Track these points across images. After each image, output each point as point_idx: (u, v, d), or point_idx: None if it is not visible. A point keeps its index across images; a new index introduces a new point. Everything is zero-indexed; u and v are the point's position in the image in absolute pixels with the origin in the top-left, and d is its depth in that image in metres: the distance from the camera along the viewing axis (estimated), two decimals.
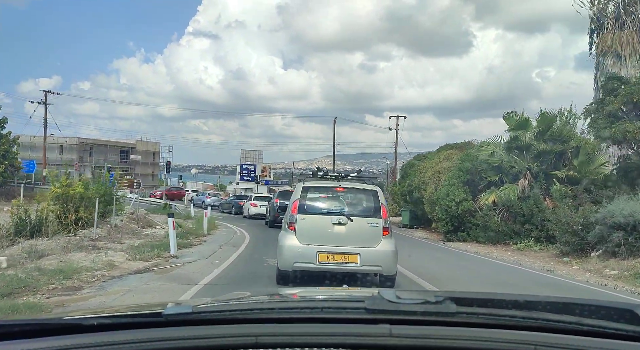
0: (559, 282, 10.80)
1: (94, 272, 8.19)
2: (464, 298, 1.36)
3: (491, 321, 1.15)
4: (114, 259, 9.81)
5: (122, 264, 9.47)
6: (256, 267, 10.31)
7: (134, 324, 1.18)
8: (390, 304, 1.15)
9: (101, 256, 9.79)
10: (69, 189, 14.77)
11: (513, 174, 19.75)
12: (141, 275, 8.66)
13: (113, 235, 14.28)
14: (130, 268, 9.12)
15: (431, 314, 1.13)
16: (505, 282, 10.29)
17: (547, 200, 18.64)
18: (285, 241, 7.34)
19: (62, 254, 9.62)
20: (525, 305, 1.31)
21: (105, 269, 8.67)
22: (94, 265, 8.73)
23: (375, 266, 7.23)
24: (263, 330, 1.13)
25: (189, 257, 11.21)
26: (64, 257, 9.26)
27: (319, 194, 7.66)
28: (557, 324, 1.14)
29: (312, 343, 1.09)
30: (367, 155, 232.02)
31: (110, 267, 8.96)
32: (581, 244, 14.23)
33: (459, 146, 29.09)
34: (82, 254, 9.95)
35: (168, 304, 1.44)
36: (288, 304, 1.53)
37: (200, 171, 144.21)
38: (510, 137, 20.31)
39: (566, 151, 19.50)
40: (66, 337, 1.09)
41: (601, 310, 1.25)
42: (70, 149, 60.13)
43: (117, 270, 8.75)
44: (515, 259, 14.78)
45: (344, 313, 1.21)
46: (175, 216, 26.50)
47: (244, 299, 1.72)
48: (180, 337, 1.10)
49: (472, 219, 19.85)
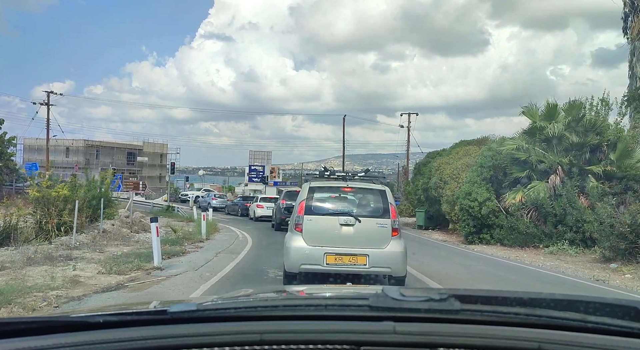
0: (621, 296, 8.96)
1: (47, 293, 6.57)
2: (468, 295, 1.29)
3: (495, 318, 1.13)
4: (83, 273, 8.21)
5: (89, 279, 7.84)
6: (254, 281, 8.67)
7: (140, 321, 1.17)
8: (394, 302, 1.15)
9: (68, 270, 8.21)
10: (50, 192, 13.28)
11: (542, 169, 17.88)
12: (108, 294, 7.04)
13: (98, 242, 12.73)
14: (98, 285, 7.50)
15: (435, 311, 1.13)
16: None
17: (582, 199, 16.77)
18: (292, 243, 7.16)
19: (19, 268, 8.03)
20: (530, 302, 1.27)
21: (65, 288, 7.05)
22: (51, 283, 7.11)
23: (385, 268, 7.09)
24: (267, 327, 1.14)
25: (176, 269, 9.59)
26: (18, 272, 7.67)
27: (326, 195, 7.47)
28: (562, 321, 1.13)
29: (316, 340, 1.09)
30: (377, 156, 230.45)
31: (73, 284, 7.34)
32: (629, 248, 12.40)
33: (476, 142, 27.32)
34: (44, 267, 8.35)
35: (173, 302, 1.44)
36: (292, 302, 1.55)
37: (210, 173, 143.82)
38: (537, 127, 18.43)
39: (602, 144, 17.58)
40: (73, 334, 1.10)
41: (606, 308, 1.22)
42: (76, 152, 59.39)
43: (80, 289, 7.13)
44: (552, 265, 12.96)
45: (348, 310, 1.23)
46: (176, 219, 25.31)
47: (249, 296, 1.78)
48: (185, 335, 1.10)
49: (496, 220, 18.06)
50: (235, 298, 1.63)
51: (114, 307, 1.77)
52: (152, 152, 65.24)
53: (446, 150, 29.31)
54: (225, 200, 40.07)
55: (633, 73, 19.68)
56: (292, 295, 1.90)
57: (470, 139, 29.71)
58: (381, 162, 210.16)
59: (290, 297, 1.80)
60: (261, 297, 1.73)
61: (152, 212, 25.38)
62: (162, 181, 67.08)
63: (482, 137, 27.80)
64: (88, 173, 19.40)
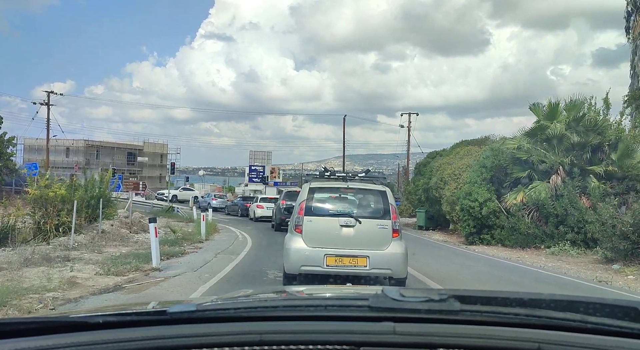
0: (625, 298, 8.89)
1: (43, 295, 6.49)
2: (468, 296, 1.31)
3: (495, 319, 1.13)
4: (80, 274, 8.13)
5: (87, 280, 7.76)
6: (253, 283, 8.59)
7: (139, 321, 1.17)
8: (394, 302, 1.15)
9: (65, 271, 8.12)
10: (47, 192, 13.19)
11: (543, 169, 17.77)
12: (106, 296, 6.95)
13: (96, 243, 12.65)
14: (96, 286, 7.42)
15: (435, 311, 1.13)
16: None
17: (583, 199, 16.66)
18: (292, 244, 7.10)
19: (16, 269, 7.95)
20: (529, 303, 1.28)
21: (62, 289, 6.97)
22: (48, 285, 7.03)
23: (385, 269, 7.01)
24: (267, 328, 1.14)
25: (175, 270, 9.50)
26: (15, 274, 7.59)
27: (326, 195, 7.39)
28: (561, 321, 1.12)
29: (316, 340, 1.09)
30: (377, 156, 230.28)
31: (71, 286, 7.26)
32: (632, 249, 12.31)
33: (476, 142, 27.22)
34: (41, 268, 8.27)
35: (172, 302, 1.43)
36: (292, 302, 1.53)
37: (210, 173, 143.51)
38: (538, 126, 18.31)
39: (603, 144, 17.47)
40: (72, 335, 1.10)
41: (605, 308, 1.22)
42: (76, 152, 59.33)
43: (77, 290, 7.05)
44: (554, 266, 12.87)
45: (348, 311, 1.23)
46: (176, 219, 25.22)
47: (249, 296, 1.78)
48: (184, 335, 1.10)
49: (497, 220, 17.95)
50: (235, 298, 1.63)
51: (113, 307, 1.74)
52: (152, 152, 65.13)
53: (446, 151, 29.20)
54: (225, 200, 39.94)
55: (635, 72, 19.58)
56: (291, 296, 1.90)
57: (471, 139, 29.61)
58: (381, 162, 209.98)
59: (290, 298, 1.80)
60: (261, 298, 1.73)
61: (151, 213, 25.27)
62: (162, 181, 66.94)
63: (483, 137, 27.71)
64: (87, 173, 19.29)
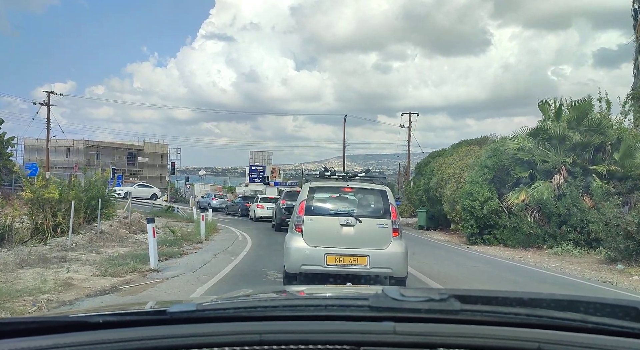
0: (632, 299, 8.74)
1: (37, 297, 6.35)
2: (468, 296, 1.30)
3: (495, 319, 1.13)
4: (76, 275, 7.99)
5: (82, 282, 7.62)
6: (253, 283, 8.46)
7: (139, 321, 1.17)
8: (394, 302, 1.15)
9: (61, 272, 7.99)
10: (44, 192, 13.07)
11: (546, 169, 17.62)
12: (102, 297, 6.82)
13: (94, 244, 12.52)
14: (92, 288, 7.28)
15: (435, 311, 1.13)
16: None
17: (586, 199, 16.52)
18: (293, 243, 7.12)
19: (11, 270, 7.81)
20: (530, 302, 1.27)
21: (57, 291, 6.84)
22: (43, 286, 6.89)
23: (385, 268, 7.03)
24: (267, 327, 1.13)
25: (173, 270, 9.37)
26: (9, 275, 7.46)
27: (326, 195, 7.41)
28: (562, 321, 1.12)
29: (316, 340, 1.09)
30: (377, 156, 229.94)
31: (66, 287, 7.13)
32: (636, 249, 12.16)
33: (476, 142, 27.04)
34: (37, 269, 8.14)
35: (172, 302, 1.43)
36: (292, 302, 1.53)
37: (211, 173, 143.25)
38: (540, 127, 18.17)
39: (605, 143, 17.32)
40: (72, 335, 1.10)
41: (606, 308, 1.22)
42: (76, 152, 59.18)
43: (73, 292, 6.91)
44: (557, 267, 12.72)
45: (348, 311, 1.23)
46: (176, 219, 25.08)
47: (248, 296, 1.76)
48: (184, 335, 1.10)
49: (499, 220, 17.81)
50: (235, 298, 1.63)
51: (113, 307, 1.73)
52: (152, 152, 64.98)
53: (447, 150, 29.03)
54: (226, 200, 39.82)
55: (638, 71, 19.42)
56: (292, 296, 1.90)
57: (471, 139, 29.44)
58: (382, 162, 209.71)
59: (290, 298, 1.80)
60: (261, 297, 1.73)
61: (151, 213, 25.13)
62: (162, 181, 66.79)
63: (483, 137, 27.53)
64: (87, 173, 19.15)
